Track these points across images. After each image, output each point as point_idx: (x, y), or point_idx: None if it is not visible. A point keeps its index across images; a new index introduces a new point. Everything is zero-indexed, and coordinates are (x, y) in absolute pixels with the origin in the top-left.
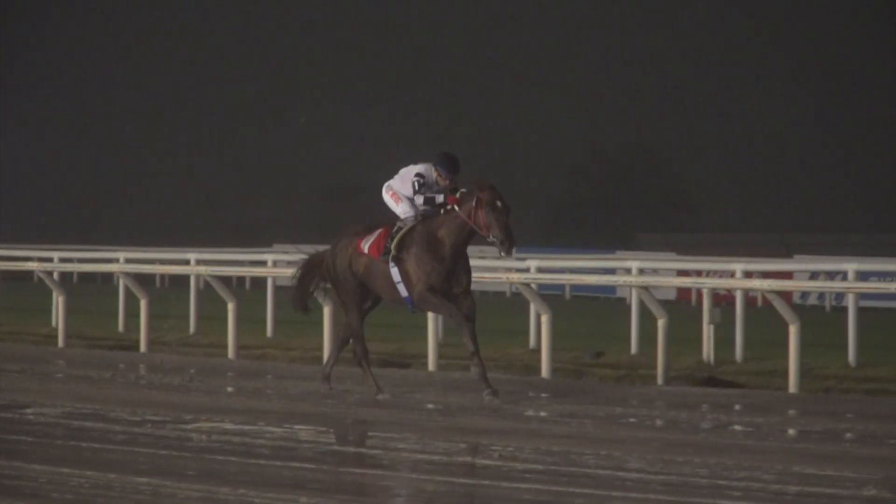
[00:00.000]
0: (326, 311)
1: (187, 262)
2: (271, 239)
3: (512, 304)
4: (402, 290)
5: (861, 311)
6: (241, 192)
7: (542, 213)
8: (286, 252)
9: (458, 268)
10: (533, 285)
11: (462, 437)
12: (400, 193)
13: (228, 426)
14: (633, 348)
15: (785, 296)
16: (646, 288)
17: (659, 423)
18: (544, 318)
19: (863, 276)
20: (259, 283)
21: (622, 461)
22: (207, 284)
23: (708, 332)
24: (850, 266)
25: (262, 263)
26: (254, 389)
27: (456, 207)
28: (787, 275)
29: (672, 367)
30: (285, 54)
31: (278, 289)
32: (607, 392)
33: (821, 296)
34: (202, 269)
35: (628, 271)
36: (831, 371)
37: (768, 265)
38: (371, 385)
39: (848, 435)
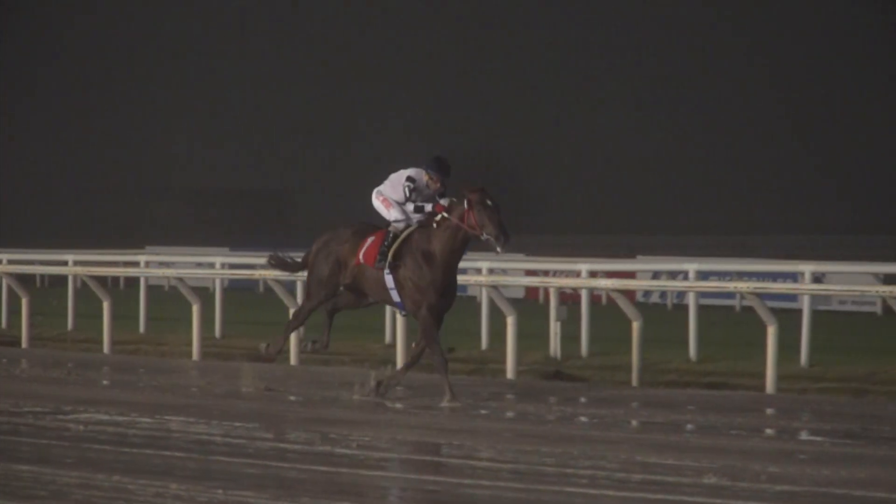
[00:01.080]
0: (195, 309)
1: (65, 263)
2: (144, 241)
3: None
4: (395, 296)
5: (700, 309)
6: (116, 194)
7: None
8: (157, 254)
9: (448, 279)
10: None
11: (321, 427)
12: (391, 199)
13: (104, 417)
14: (484, 344)
15: (628, 294)
16: (495, 287)
17: (509, 414)
18: (399, 316)
19: (703, 275)
20: (132, 282)
21: (474, 450)
22: (84, 283)
23: (555, 328)
24: (691, 266)
25: (136, 264)
26: (127, 382)
27: (445, 214)
28: (630, 274)
29: (521, 361)
30: (159, 59)
31: (150, 288)
32: (460, 385)
33: (662, 294)
34: (79, 269)
35: (479, 271)
36: (673, 366)
37: (612, 265)
38: (276, 344)
39: (689, 426)
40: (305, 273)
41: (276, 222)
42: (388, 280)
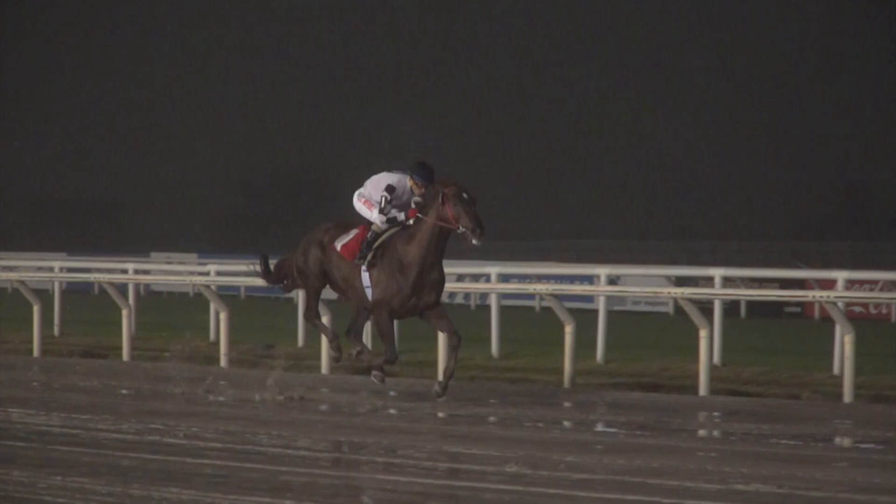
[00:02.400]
0: (36, 310)
1: None
2: None
3: (195, 303)
4: (370, 295)
5: (502, 309)
6: None
7: (219, 223)
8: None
9: (427, 279)
10: (212, 286)
11: (152, 418)
12: (372, 200)
13: None
14: (300, 341)
15: None
16: None
17: (323, 407)
18: (222, 315)
19: (504, 278)
20: None
21: (291, 440)
22: None
23: (366, 327)
24: (493, 269)
25: None
26: None
27: (419, 216)
28: None
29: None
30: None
31: None
32: (278, 380)
33: (466, 296)
34: None
35: None
36: (476, 362)
37: None
38: (326, 334)
39: (491, 418)
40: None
41: (109, 230)
42: (365, 278)
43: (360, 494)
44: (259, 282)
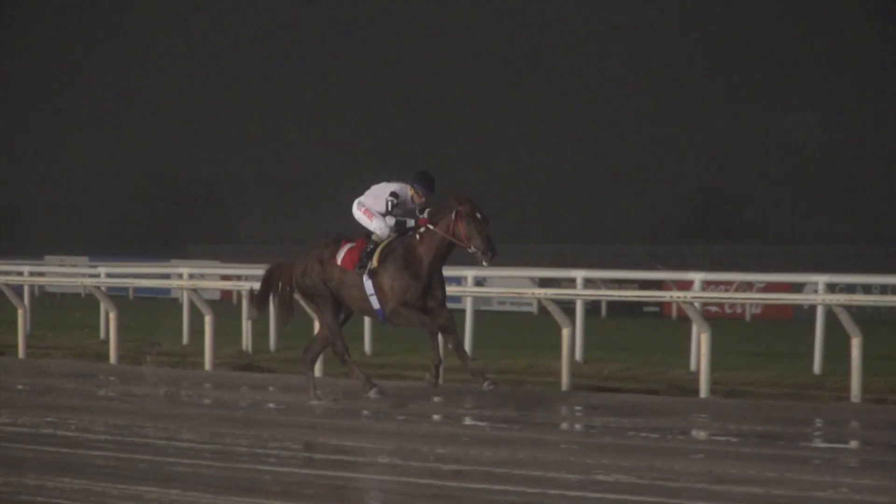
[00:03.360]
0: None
1: None
2: None
3: (86, 303)
4: (375, 303)
5: None
6: None
7: (108, 227)
8: None
9: (433, 282)
10: (102, 287)
11: (46, 412)
12: (372, 210)
13: None
14: (185, 339)
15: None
16: (195, 290)
17: (206, 401)
18: (112, 315)
19: None
20: None
21: (176, 433)
22: None
23: (246, 326)
24: None
25: None
26: None
27: (430, 226)
28: None
29: (217, 355)
30: None
31: None
32: (164, 375)
33: None
34: None
35: (181, 276)
36: (352, 358)
37: None
38: (358, 377)
39: (365, 412)
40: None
41: (4, 234)
42: (368, 286)
43: (240, 484)
44: (146, 283)
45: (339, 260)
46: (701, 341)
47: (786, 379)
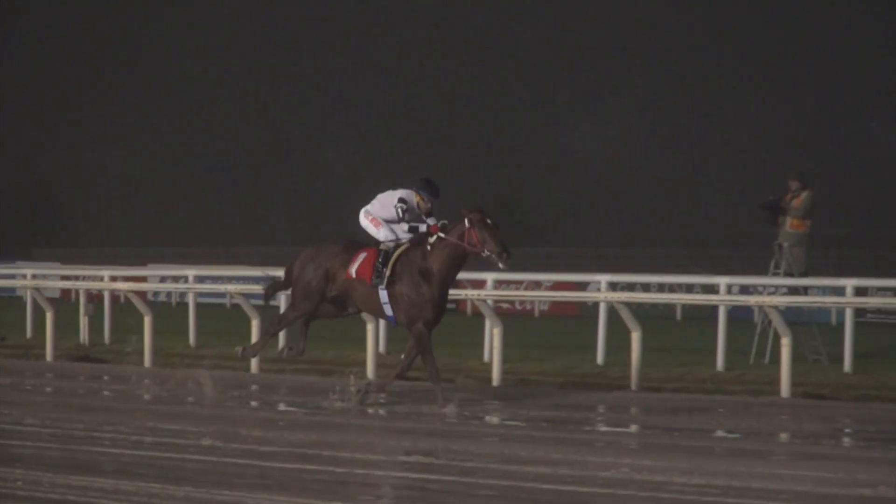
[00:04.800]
0: None
1: None
2: None
3: None
4: (388, 311)
5: (199, 307)
6: None
7: None
8: None
9: (441, 294)
10: None
11: None
12: (380, 218)
13: None
14: (29, 333)
15: (140, 294)
16: (37, 289)
17: (48, 389)
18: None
19: (200, 279)
20: None
21: (20, 418)
22: None
23: (84, 321)
24: (191, 272)
25: None
26: None
27: (441, 234)
28: (142, 279)
29: (57, 347)
30: None
31: None
32: (9, 367)
33: (168, 294)
34: None
35: (25, 276)
36: (177, 350)
37: (128, 271)
38: (256, 349)
39: (189, 399)
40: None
41: None
42: (383, 295)
43: (78, 464)
44: None
45: (352, 272)
46: (493, 335)
47: (571, 369)
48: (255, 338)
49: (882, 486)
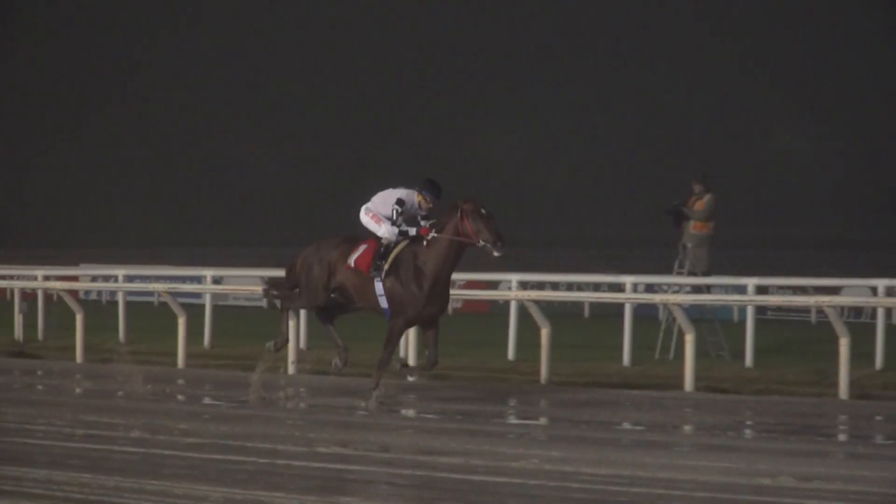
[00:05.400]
0: None
1: None
2: None
3: None
4: (383, 303)
5: (129, 305)
6: None
7: None
8: None
9: (437, 290)
10: None
11: None
12: (380, 215)
13: None
14: None
15: (73, 293)
16: None
17: None
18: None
19: (129, 278)
20: None
21: None
22: None
23: (18, 318)
24: (120, 271)
25: None
26: None
27: (434, 234)
28: (74, 278)
29: None
30: None
31: None
32: None
33: (99, 293)
34: None
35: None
36: (107, 346)
37: (61, 271)
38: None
39: (120, 393)
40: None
41: None
42: (378, 287)
43: (12, 455)
44: None
45: (351, 262)
46: (409, 332)
47: (484, 364)
48: (181, 333)
49: (781, 476)
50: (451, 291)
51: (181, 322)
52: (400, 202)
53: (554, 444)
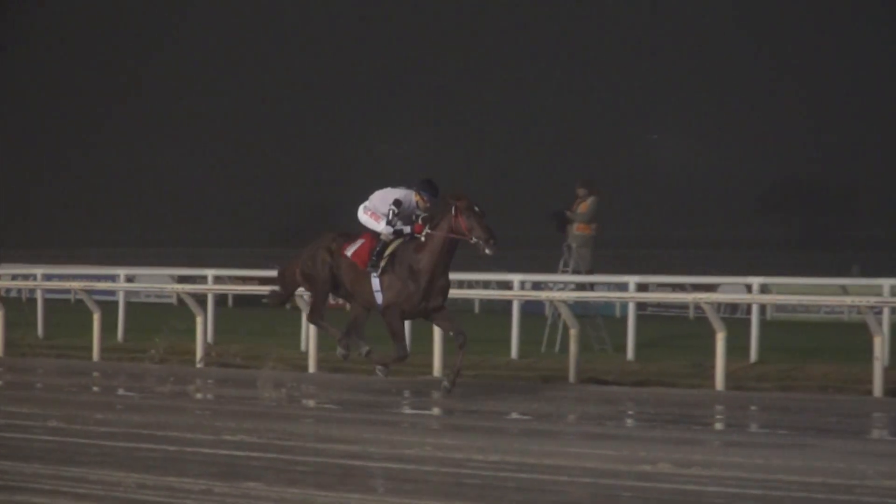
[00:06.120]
0: None
1: None
2: None
3: None
4: (379, 298)
5: (47, 302)
6: None
7: None
8: None
9: (436, 285)
10: None
11: None
12: (378, 212)
13: None
14: None
15: None
16: None
17: None
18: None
19: (48, 277)
20: None
21: None
22: None
23: None
24: (38, 270)
25: None
26: None
27: (428, 230)
28: None
29: None
30: None
31: None
32: None
33: (19, 291)
34: None
35: None
36: (27, 341)
37: None
38: (333, 333)
39: (38, 385)
40: (280, 288)
41: None
42: (375, 282)
43: None
44: None
45: (348, 253)
46: (310, 328)
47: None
48: (96, 328)
49: (661, 463)
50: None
51: (96, 318)
52: (397, 202)
53: (446, 432)
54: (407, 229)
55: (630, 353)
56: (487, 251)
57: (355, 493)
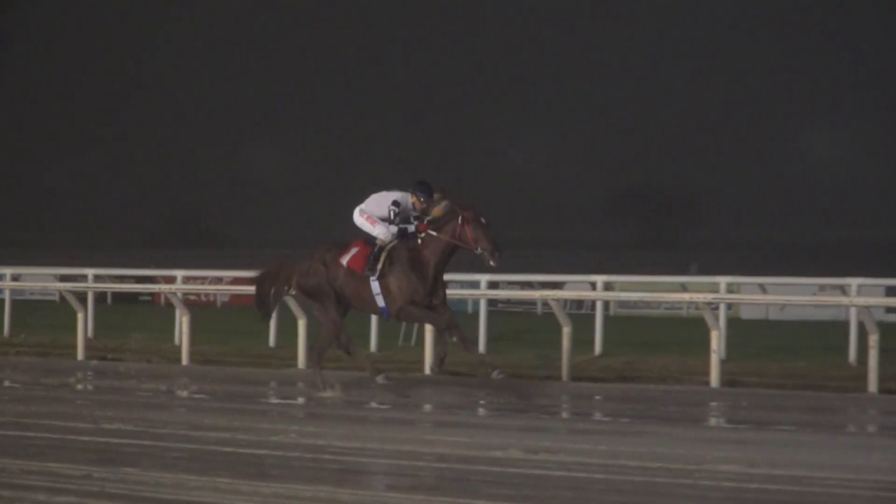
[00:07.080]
0: None
1: None
2: None
3: None
4: (380, 302)
5: None
6: None
7: None
8: None
9: (436, 283)
10: None
11: None
12: (374, 216)
13: None
14: None
15: None
16: None
17: None
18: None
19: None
20: None
21: None
22: None
23: None
24: (7, 270)
25: None
26: None
27: (432, 232)
28: None
29: None
30: None
31: None
32: None
33: None
34: None
35: None
36: None
37: None
38: (362, 363)
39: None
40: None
41: None
42: (375, 286)
43: None
44: None
45: (344, 262)
46: (182, 322)
47: (248, 350)
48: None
49: (511, 449)
50: (219, 287)
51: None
52: (396, 203)
53: (309, 420)
54: (411, 227)
55: (482, 347)
56: (492, 262)
57: (225, 477)
